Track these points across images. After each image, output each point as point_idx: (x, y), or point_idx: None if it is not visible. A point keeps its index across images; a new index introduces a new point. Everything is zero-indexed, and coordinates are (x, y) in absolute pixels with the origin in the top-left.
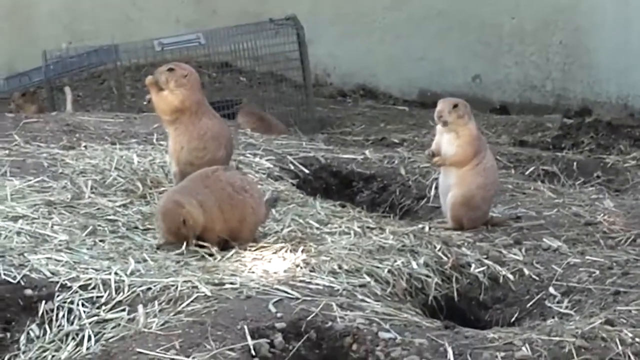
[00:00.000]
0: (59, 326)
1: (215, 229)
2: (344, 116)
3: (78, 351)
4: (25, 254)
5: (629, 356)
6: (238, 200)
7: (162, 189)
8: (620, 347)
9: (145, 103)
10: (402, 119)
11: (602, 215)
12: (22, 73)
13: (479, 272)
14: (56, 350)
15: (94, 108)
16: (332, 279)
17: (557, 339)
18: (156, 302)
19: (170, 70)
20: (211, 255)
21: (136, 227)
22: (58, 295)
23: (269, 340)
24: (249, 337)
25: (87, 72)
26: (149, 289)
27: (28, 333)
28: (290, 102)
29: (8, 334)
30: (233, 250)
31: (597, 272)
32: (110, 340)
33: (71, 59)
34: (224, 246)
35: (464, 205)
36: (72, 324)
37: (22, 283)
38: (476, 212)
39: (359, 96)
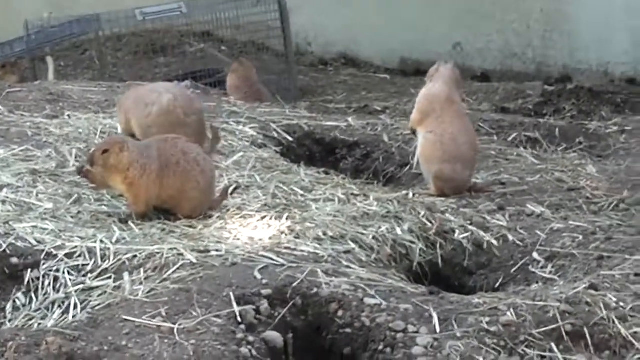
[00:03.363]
0: (45, 294)
1: (144, 195)
2: (326, 84)
3: (64, 319)
4: (11, 223)
5: (613, 320)
6: (184, 169)
7: None
8: (604, 312)
9: None
10: (383, 87)
11: (585, 180)
12: (4, 43)
13: (463, 238)
14: (42, 318)
15: (75, 78)
16: (317, 245)
17: (542, 303)
18: (142, 270)
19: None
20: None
21: (121, 195)
22: (44, 264)
23: (254, 307)
24: (234, 304)
25: (68, 42)
26: (135, 256)
27: (14, 301)
28: (271, 70)
29: None
30: (215, 217)
31: (581, 237)
32: (97, 308)
33: (53, 29)
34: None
35: (438, 179)
36: (58, 292)
37: (8, 251)
38: (454, 182)
39: (340, 65)
